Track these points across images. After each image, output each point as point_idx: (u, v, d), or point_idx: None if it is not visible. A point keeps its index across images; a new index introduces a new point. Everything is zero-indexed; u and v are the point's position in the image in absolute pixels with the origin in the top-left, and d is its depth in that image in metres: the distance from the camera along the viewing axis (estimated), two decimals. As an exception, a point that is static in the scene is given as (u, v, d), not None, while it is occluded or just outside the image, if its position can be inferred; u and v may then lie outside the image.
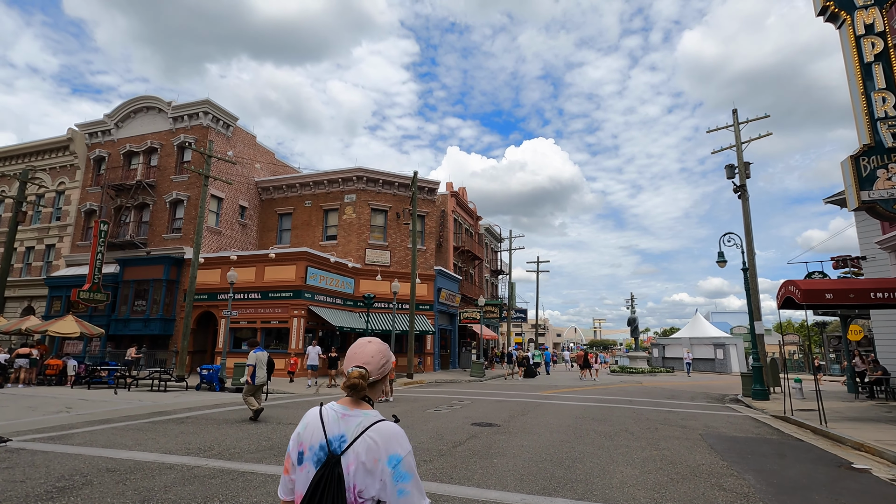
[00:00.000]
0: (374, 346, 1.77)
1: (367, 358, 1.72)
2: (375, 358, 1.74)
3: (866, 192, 11.69)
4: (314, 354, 19.39)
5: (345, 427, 1.61)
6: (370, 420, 1.62)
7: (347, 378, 1.69)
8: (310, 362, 19.29)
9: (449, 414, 12.26)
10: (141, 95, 29.97)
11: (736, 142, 20.95)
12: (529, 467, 6.86)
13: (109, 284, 26.49)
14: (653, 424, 11.14)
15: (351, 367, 1.71)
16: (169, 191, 27.97)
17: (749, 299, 18.00)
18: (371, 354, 1.74)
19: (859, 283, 12.26)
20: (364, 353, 1.74)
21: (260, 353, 11.35)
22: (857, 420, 12.03)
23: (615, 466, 7.05)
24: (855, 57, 12.48)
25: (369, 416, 1.64)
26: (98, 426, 9.88)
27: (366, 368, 1.70)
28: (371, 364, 1.72)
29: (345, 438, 1.58)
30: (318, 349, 19.57)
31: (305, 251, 24.48)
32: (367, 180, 30.09)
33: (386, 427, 1.61)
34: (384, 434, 1.58)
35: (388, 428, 1.60)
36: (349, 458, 1.54)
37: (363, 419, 1.62)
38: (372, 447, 1.55)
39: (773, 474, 6.91)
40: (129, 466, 6.60)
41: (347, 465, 1.54)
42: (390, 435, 1.58)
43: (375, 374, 1.72)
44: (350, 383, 1.68)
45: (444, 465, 6.90)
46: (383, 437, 1.57)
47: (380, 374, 1.74)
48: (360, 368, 1.70)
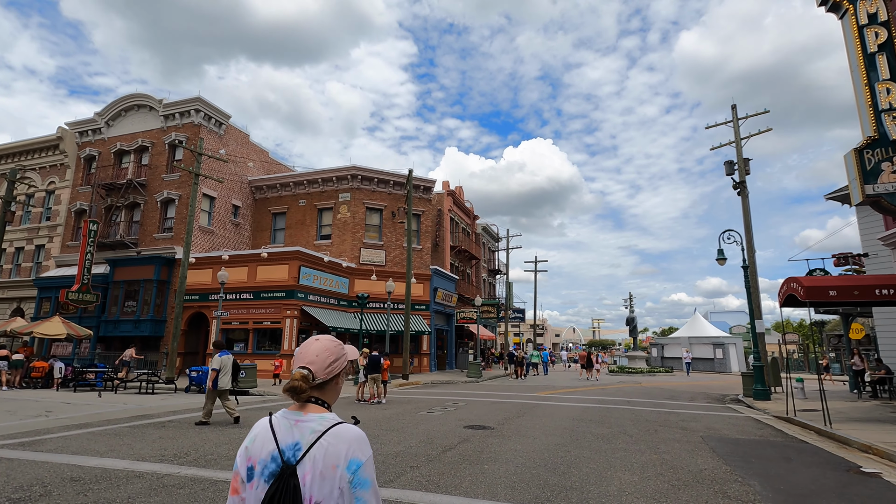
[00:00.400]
0: (319, 344, 1.65)
1: (311, 357, 1.60)
2: (321, 357, 1.61)
3: (871, 186, 11.35)
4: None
5: (299, 434, 1.49)
6: (327, 423, 1.50)
7: (288, 381, 1.57)
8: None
9: (442, 416, 11.88)
10: (132, 93, 29.52)
11: (735, 137, 20.60)
12: (522, 474, 6.47)
13: (99, 285, 26.04)
14: (652, 426, 10.77)
15: (295, 368, 1.59)
16: (160, 190, 27.53)
17: (749, 297, 17.65)
18: (316, 353, 1.61)
19: (864, 279, 11.92)
20: (308, 353, 1.61)
21: (225, 356, 10.90)
22: (862, 421, 11.68)
23: (613, 472, 6.67)
24: (858, 47, 12.14)
25: (325, 420, 1.52)
26: (74, 431, 9.47)
27: (310, 369, 1.58)
28: (315, 364, 1.59)
29: (299, 446, 1.47)
30: None
31: (298, 250, 24.07)
32: (361, 179, 29.69)
33: (345, 430, 1.49)
34: (343, 437, 1.47)
35: (346, 431, 1.49)
36: (305, 468, 1.43)
37: (318, 423, 1.50)
38: (330, 452, 1.44)
39: (780, 479, 6.54)
40: (95, 475, 6.20)
41: (304, 476, 1.42)
42: (350, 438, 1.47)
43: (322, 375, 1.59)
44: (289, 386, 1.54)
45: (431, 471, 6.51)
46: (342, 440, 1.46)
47: (327, 375, 1.61)
48: (303, 370, 1.57)
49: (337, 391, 1.67)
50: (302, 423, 1.51)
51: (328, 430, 1.48)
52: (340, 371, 1.66)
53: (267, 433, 1.52)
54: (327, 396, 1.63)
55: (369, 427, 10.03)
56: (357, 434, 1.50)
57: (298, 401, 1.56)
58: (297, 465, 1.44)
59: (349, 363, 1.79)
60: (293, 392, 1.54)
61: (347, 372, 1.84)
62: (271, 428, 1.53)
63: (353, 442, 1.47)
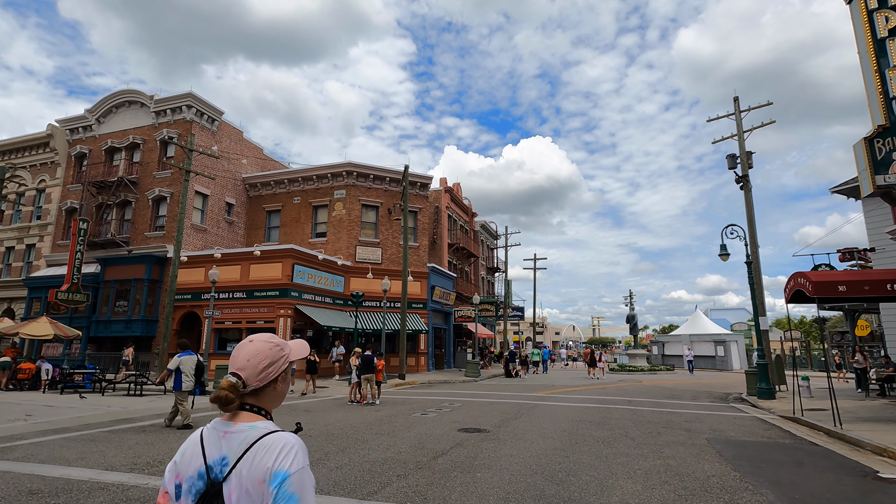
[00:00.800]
0: (250, 347, 1.47)
1: (241, 363, 1.45)
2: (252, 362, 1.45)
3: (881, 177, 10.89)
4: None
5: (227, 447, 1.35)
6: (258, 433, 1.35)
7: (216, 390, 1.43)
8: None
9: (436, 418, 11.43)
10: (123, 90, 29.00)
11: (737, 130, 20.14)
12: (517, 483, 6.02)
13: (90, 285, 25.55)
14: (655, 428, 10.33)
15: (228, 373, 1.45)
16: (151, 187, 27.03)
17: (753, 293, 17.20)
18: (246, 358, 1.45)
19: (874, 273, 11.46)
20: (238, 358, 1.46)
21: (185, 356, 10.38)
22: (873, 421, 11.24)
23: (614, 480, 6.22)
24: (867, 33, 11.67)
25: (257, 429, 1.36)
26: (49, 437, 9.01)
27: (240, 375, 1.43)
28: (246, 370, 1.44)
29: (227, 461, 1.34)
30: None
31: (292, 248, 23.60)
32: (357, 175, 29.20)
33: (276, 439, 1.34)
34: (272, 448, 1.31)
35: (277, 440, 1.33)
36: (231, 485, 1.31)
37: (249, 433, 1.35)
38: (256, 466, 1.30)
39: (794, 487, 6.09)
40: (57, 487, 5.74)
41: (229, 494, 1.30)
42: (279, 448, 1.31)
43: (254, 382, 1.44)
44: (214, 396, 1.40)
45: (419, 480, 6.06)
46: (270, 451, 1.31)
47: (260, 381, 1.44)
48: (232, 377, 1.43)
49: (278, 396, 1.51)
50: (231, 434, 1.36)
51: (258, 440, 1.33)
52: (278, 375, 1.49)
53: (196, 447, 1.39)
54: (265, 403, 1.47)
55: (359, 430, 9.58)
56: (289, 442, 1.33)
57: (226, 411, 1.41)
58: (224, 483, 1.31)
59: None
60: (219, 403, 1.39)
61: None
62: (201, 441, 1.39)
63: (281, 451, 1.30)
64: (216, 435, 1.39)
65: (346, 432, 9.40)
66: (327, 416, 11.83)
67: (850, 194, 18.95)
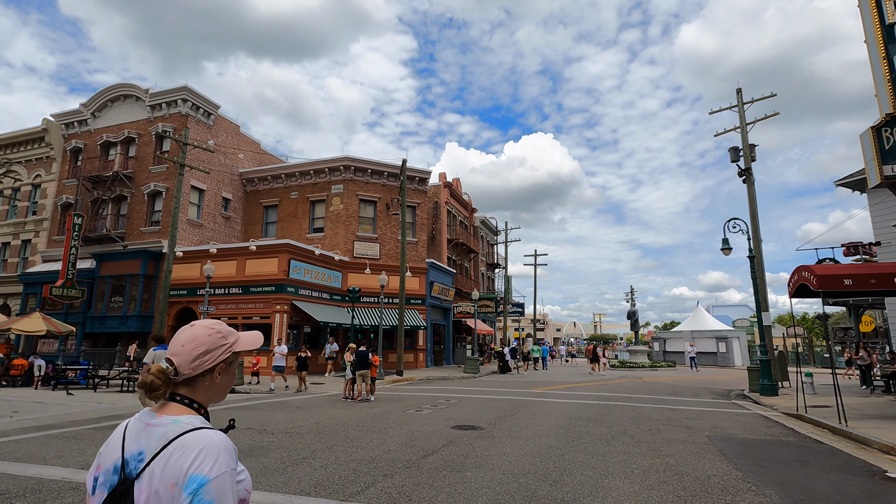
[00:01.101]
0: (189, 332, 1.38)
1: (176, 348, 1.35)
2: (187, 347, 1.34)
3: (889, 167, 10.56)
4: (279, 355, 17.07)
5: (146, 441, 1.22)
6: (179, 429, 1.21)
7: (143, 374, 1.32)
8: (275, 363, 16.94)
9: (430, 415, 11.17)
10: (118, 83, 28.72)
11: (740, 122, 19.77)
12: (508, 483, 5.75)
13: (85, 280, 25.35)
14: (654, 425, 10.05)
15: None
16: (147, 182, 26.77)
17: (756, 288, 16.88)
18: (182, 343, 1.35)
19: (882, 267, 11.14)
20: (175, 342, 1.36)
21: (161, 350, 10.03)
22: (879, 418, 10.95)
23: (611, 480, 5.94)
24: (875, 17, 11.32)
25: (179, 424, 1.23)
26: (32, 434, 8.77)
27: (172, 361, 1.32)
28: (180, 356, 1.33)
29: (143, 456, 1.20)
30: (284, 347, 17.43)
31: (288, 243, 23.34)
32: (354, 170, 28.89)
33: (196, 437, 1.18)
34: (191, 447, 1.16)
35: (199, 438, 1.18)
36: (143, 483, 1.16)
37: (170, 428, 1.22)
38: (171, 465, 1.15)
39: (799, 488, 5.81)
40: (27, 487, 5.49)
41: (139, 494, 1.16)
42: (199, 448, 1.16)
43: (187, 370, 1.32)
44: (140, 382, 1.28)
45: (405, 480, 5.79)
46: (189, 450, 1.15)
47: (194, 369, 1.33)
48: (166, 362, 1.32)
49: (216, 389, 1.37)
50: (152, 427, 1.25)
51: (178, 437, 1.20)
52: (216, 365, 1.35)
53: (118, 438, 1.28)
54: (199, 395, 1.34)
55: (350, 428, 9.32)
56: (212, 442, 1.18)
57: (153, 399, 1.29)
58: (136, 480, 1.19)
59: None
60: (145, 389, 1.27)
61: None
62: (124, 431, 1.29)
63: (202, 452, 1.16)
64: (139, 426, 1.27)
65: (335, 429, 9.14)
66: (319, 412, 11.58)
67: (855, 187, 18.59)
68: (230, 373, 1.41)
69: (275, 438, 8.25)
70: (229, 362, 1.39)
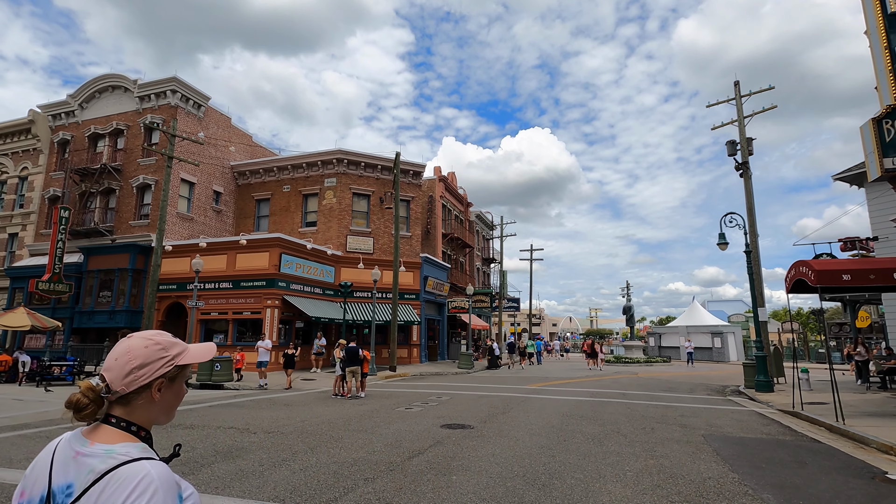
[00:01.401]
0: (124, 344, 1.22)
1: (109, 362, 1.20)
2: (120, 361, 1.18)
3: (890, 160, 10.31)
4: (263, 350, 16.55)
5: (75, 472, 1.08)
6: (112, 462, 1.06)
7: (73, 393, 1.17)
8: (259, 359, 16.43)
9: (420, 413, 10.91)
10: (106, 74, 28.15)
11: (738, 115, 19.51)
12: (494, 487, 5.48)
13: (73, 275, 24.92)
14: (648, 423, 9.82)
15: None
16: (136, 175, 26.29)
17: (752, 283, 16.68)
18: (115, 356, 1.20)
19: (881, 262, 10.92)
20: (109, 356, 1.21)
21: None
22: (876, 416, 10.76)
23: (602, 484, 5.69)
24: (877, 7, 11.02)
25: (112, 456, 1.07)
26: (5, 434, 8.45)
27: (104, 377, 1.18)
28: (112, 371, 1.17)
29: (72, 491, 1.07)
30: (268, 343, 16.97)
31: (279, 237, 22.97)
32: (348, 163, 28.49)
33: (131, 472, 1.04)
34: (123, 484, 1.02)
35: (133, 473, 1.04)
36: None
37: (101, 459, 1.07)
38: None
39: (797, 492, 5.57)
40: (-15, 493, 5.18)
41: None
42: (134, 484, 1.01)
43: (119, 386, 1.16)
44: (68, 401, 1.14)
45: (387, 485, 5.52)
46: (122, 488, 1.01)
47: (127, 385, 1.16)
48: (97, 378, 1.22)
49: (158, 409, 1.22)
50: (82, 456, 1.09)
51: (110, 471, 1.04)
52: (154, 380, 1.20)
53: (45, 465, 1.12)
54: (137, 416, 1.19)
55: (336, 427, 9.05)
56: (147, 479, 1.02)
57: (81, 420, 1.15)
58: None
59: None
60: (73, 409, 1.14)
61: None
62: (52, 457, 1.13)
63: (137, 490, 1.00)
64: (69, 453, 1.12)
65: (321, 429, 8.86)
66: (306, 410, 11.31)
67: (853, 182, 18.38)
68: (174, 390, 1.25)
69: (256, 438, 7.97)
70: (171, 377, 1.24)
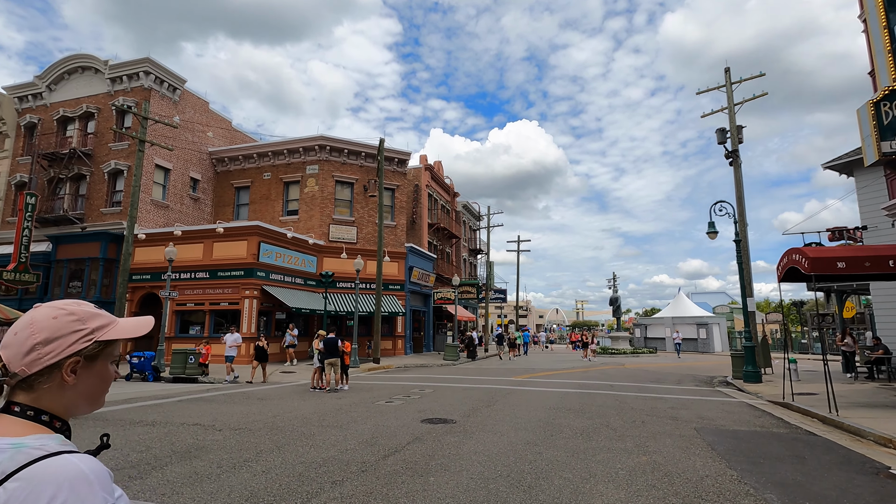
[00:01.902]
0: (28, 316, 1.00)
1: (7, 338, 0.98)
2: (21, 336, 0.96)
3: (888, 143, 9.98)
4: (231, 343, 15.88)
5: None
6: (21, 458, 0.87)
7: None
8: (227, 352, 15.76)
9: (401, 406, 10.39)
10: (75, 54, 26.81)
11: (728, 103, 19.16)
12: (475, 490, 4.98)
13: (41, 264, 23.83)
14: (638, 416, 9.43)
15: None
16: (107, 160, 25.16)
17: (741, 273, 16.43)
18: (15, 330, 0.98)
19: (876, 249, 10.63)
20: (9, 331, 0.99)
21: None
22: (868, 406, 10.52)
23: (593, 484, 5.22)
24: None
25: (20, 451, 0.88)
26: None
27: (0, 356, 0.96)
28: (10, 347, 0.96)
29: None
30: (236, 336, 16.24)
31: (257, 225, 22.16)
32: (330, 150, 27.65)
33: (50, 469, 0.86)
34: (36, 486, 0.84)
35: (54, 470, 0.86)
36: None
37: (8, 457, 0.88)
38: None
39: (801, 490, 5.17)
40: None
41: None
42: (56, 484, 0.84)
43: (18, 366, 0.94)
44: None
45: (355, 488, 4.97)
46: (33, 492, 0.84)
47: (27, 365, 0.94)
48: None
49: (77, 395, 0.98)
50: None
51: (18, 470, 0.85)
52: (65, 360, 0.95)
53: None
54: (47, 402, 0.96)
55: (309, 423, 8.48)
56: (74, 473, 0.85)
57: None
58: None
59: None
60: None
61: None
62: None
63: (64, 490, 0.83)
64: None
65: (292, 425, 8.29)
66: (281, 404, 10.71)
67: (842, 170, 18.20)
68: (96, 371, 1.00)
69: (221, 436, 7.37)
70: (91, 355, 0.99)
